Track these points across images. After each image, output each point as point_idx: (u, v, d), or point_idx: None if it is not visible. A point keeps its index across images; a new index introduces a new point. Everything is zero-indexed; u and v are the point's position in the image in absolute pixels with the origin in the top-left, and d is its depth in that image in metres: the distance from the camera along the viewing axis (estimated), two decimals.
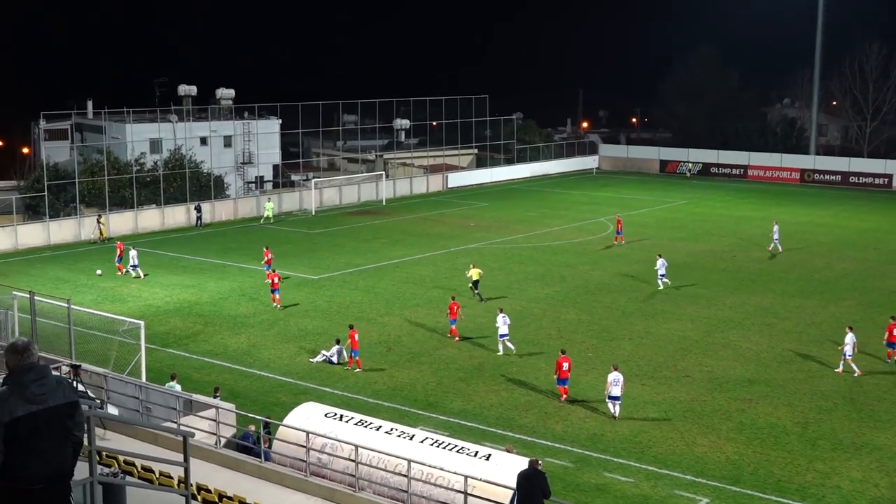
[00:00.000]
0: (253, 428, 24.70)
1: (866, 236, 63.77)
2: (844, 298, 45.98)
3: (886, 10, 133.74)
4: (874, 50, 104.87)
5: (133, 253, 50.29)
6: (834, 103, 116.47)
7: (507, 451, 22.77)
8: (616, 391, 30.15)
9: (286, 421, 23.82)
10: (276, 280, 43.86)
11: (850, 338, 34.97)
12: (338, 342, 36.03)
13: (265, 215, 69.03)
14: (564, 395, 31.67)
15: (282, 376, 34.33)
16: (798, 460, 27.09)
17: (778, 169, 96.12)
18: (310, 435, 22.11)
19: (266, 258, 49.83)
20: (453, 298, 40.19)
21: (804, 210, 75.93)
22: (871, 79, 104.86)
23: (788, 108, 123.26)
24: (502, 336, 37.05)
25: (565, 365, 31.45)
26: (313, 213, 72.62)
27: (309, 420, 23.34)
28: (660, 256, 49.13)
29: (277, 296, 43.50)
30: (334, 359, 35.54)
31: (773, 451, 27.68)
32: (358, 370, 34.69)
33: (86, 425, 8.48)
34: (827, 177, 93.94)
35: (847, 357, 34.82)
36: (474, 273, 45.48)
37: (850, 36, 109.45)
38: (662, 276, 47.83)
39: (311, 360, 35.88)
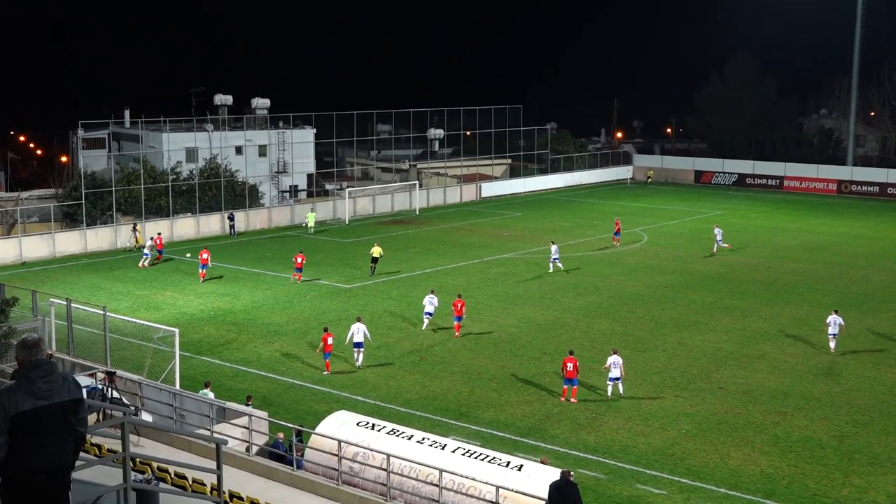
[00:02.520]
0: (282, 435, 24.76)
1: None
2: (881, 311, 45.46)
3: None
4: None
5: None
6: (872, 114, 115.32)
7: (542, 463, 22.76)
8: (616, 373, 32.44)
9: (318, 429, 23.89)
10: (299, 260, 50.40)
11: (832, 318, 38.57)
12: (359, 319, 37.19)
13: (308, 224, 69.16)
14: (563, 396, 32.57)
15: (315, 385, 34.43)
16: (834, 474, 26.78)
17: (814, 180, 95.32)
18: (342, 444, 22.16)
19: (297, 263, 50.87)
20: (459, 296, 41.41)
21: (841, 221, 75.21)
22: None
23: (825, 119, 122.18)
24: (428, 314, 41.37)
25: (569, 365, 32.23)
26: (346, 222, 72.87)
27: (341, 429, 23.39)
28: (553, 243, 54.20)
29: (299, 274, 50.05)
30: (356, 338, 36.01)
31: (808, 465, 27.40)
32: (326, 373, 35.56)
33: (88, 422, 8.75)
34: (864, 188, 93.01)
35: (830, 336, 38.43)
36: (375, 251, 52.00)
37: (889, 45, 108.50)
38: (556, 259, 53.27)
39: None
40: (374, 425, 23.61)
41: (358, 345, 36.09)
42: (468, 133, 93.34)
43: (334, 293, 48.57)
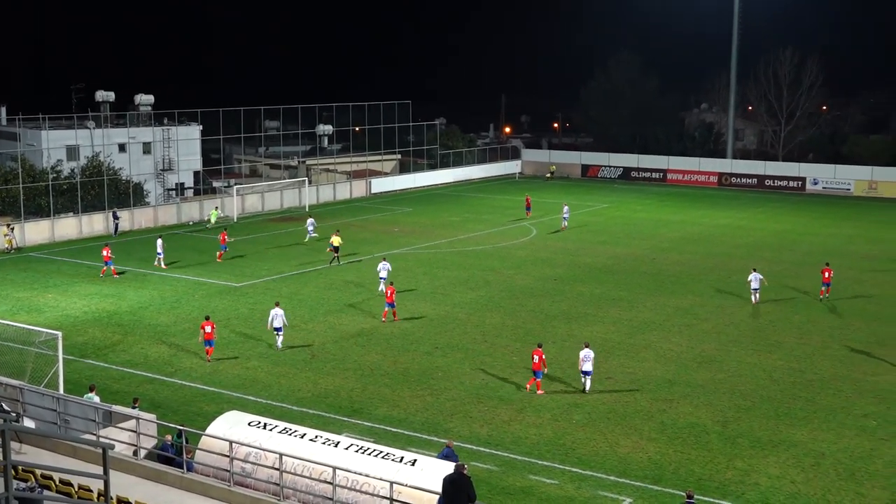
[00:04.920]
0: (170, 438, 24.32)
1: (782, 237, 65.26)
2: (762, 299, 46.93)
3: (799, 16, 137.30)
4: (787, 56, 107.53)
5: (159, 242, 53.92)
6: (750, 108, 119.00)
7: (448, 445, 24.08)
8: (587, 366, 32.84)
9: (209, 430, 23.50)
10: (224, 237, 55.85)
11: (753, 276, 45.45)
12: (278, 304, 38.95)
13: (210, 220, 68.30)
14: (528, 385, 33.31)
15: (204, 385, 33.90)
16: (718, 459, 27.58)
17: (696, 173, 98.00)
18: (233, 444, 21.88)
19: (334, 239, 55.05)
20: (391, 283, 43.55)
21: (722, 213, 77.43)
22: (785, 84, 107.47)
23: (706, 113, 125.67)
24: (382, 279, 46.25)
25: (535, 357, 32.92)
26: (235, 219, 71.89)
27: (232, 429, 23.08)
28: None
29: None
30: (275, 323, 37.91)
31: (693, 450, 28.15)
32: (208, 361, 36.26)
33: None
34: (744, 180, 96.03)
35: (753, 291, 45.16)
36: (335, 240, 54.12)
37: (765, 42, 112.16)
38: (311, 231, 60.93)
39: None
40: (265, 425, 23.36)
41: (277, 329, 37.94)
42: (357, 129, 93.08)
43: (223, 292, 47.88)
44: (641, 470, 26.75)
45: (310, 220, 63.30)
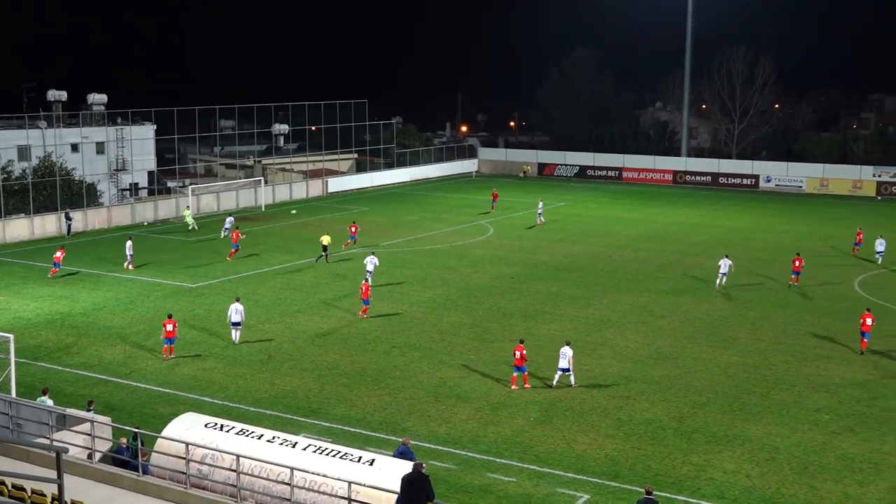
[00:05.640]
0: (125, 441, 24.08)
1: (736, 235, 65.97)
2: (716, 295, 47.45)
3: (751, 16, 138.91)
4: (740, 55, 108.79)
5: (129, 244, 53.23)
6: (704, 107, 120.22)
7: (405, 444, 24.08)
8: (563, 363, 33.36)
9: (165, 432, 23.29)
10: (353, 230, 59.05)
11: (723, 262, 48.83)
12: (237, 300, 39.46)
13: (188, 223, 67.31)
14: (513, 384, 33.56)
15: (160, 387, 33.60)
16: (674, 454, 27.83)
17: (651, 171, 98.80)
18: (189, 446, 21.71)
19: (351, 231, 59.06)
20: (367, 280, 44.34)
21: (677, 210, 78.12)
22: (738, 83, 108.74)
23: (661, 112, 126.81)
24: (369, 272, 47.45)
25: (517, 353, 33.21)
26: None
27: (189, 431, 22.89)
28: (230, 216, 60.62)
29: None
30: (234, 318, 38.44)
31: (650, 446, 28.38)
32: (172, 357, 36.52)
33: None
34: (698, 178, 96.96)
35: (721, 275, 48.55)
36: (325, 239, 54.47)
37: (719, 41, 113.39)
38: (226, 228, 62.25)
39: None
40: (222, 426, 23.18)
41: (235, 324, 38.38)
42: (313, 128, 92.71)
43: (179, 293, 47.49)
44: (598, 466, 26.93)
45: (228, 219, 64.40)
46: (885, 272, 53.72)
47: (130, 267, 52.64)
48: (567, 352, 33.52)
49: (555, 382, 33.56)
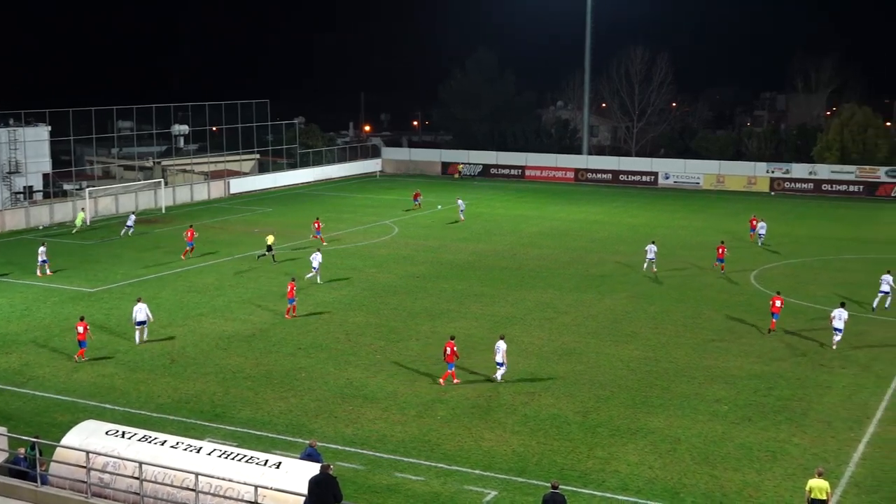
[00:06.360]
0: (23, 451, 23.44)
1: (636, 231, 67.15)
2: (618, 291, 48.24)
3: (648, 16, 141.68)
4: (638, 54, 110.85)
5: (42, 249, 51.66)
6: (603, 105, 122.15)
7: (311, 445, 23.99)
8: (498, 358, 33.83)
9: (64, 441, 22.73)
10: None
11: (650, 247, 52.34)
12: (140, 299, 39.39)
13: (76, 224, 65.93)
14: (443, 379, 33.83)
15: (58, 395, 32.77)
16: (579, 448, 28.23)
17: (553, 169, 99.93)
18: (90, 454, 21.23)
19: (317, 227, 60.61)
20: (293, 279, 44.11)
21: (579, 208, 79.21)
22: (637, 81, 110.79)
23: (562, 111, 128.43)
24: (314, 268, 48.94)
25: (448, 349, 33.45)
26: (88, 223, 69.65)
27: (89, 439, 22.38)
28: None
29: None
30: (139, 317, 38.49)
31: (556, 441, 28.73)
32: (83, 359, 36.15)
33: None
34: (599, 175, 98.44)
35: (648, 260, 51.78)
36: (269, 239, 54.87)
37: (617, 41, 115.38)
38: (129, 226, 63.57)
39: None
40: (124, 433, 22.73)
41: (141, 322, 38.40)
42: (214, 128, 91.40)
43: (77, 298, 46.37)
44: (506, 463, 27.15)
45: (131, 216, 65.32)
46: (780, 265, 55.33)
47: (48, 272, 50.90)
48: (501, 346, 33.86)
49: (498, 377, 34.05)
